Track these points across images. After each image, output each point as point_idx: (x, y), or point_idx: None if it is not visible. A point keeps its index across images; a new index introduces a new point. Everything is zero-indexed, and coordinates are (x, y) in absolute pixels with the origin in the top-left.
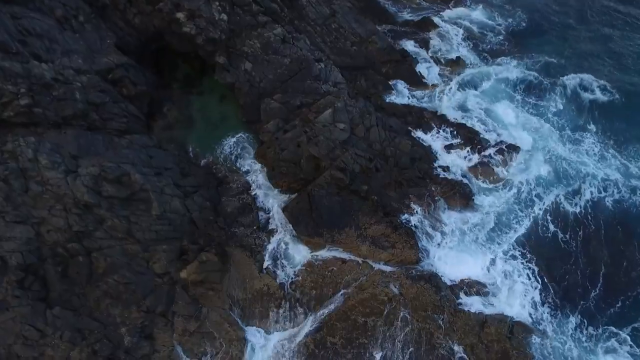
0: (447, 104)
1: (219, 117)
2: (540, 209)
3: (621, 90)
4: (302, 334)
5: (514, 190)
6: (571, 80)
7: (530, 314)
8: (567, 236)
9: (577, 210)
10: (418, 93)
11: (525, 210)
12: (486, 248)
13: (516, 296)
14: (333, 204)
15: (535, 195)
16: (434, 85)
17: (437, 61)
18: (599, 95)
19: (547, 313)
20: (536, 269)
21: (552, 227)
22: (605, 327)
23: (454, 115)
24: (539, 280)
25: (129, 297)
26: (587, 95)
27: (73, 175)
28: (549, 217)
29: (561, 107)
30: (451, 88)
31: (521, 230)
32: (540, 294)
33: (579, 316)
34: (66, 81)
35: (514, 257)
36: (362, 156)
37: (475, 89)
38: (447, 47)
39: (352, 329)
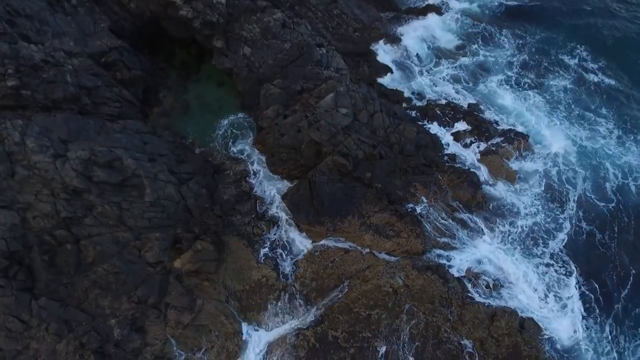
0: (448, 89)
1: (216, 104)
2: (570, 200)
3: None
4: (302, 328)
5: (538, 182)
6: (574, 59)
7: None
8: (603, 234)
9: (606, 203)
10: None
11: (555, 205)
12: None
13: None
14: (335, 190)
15: (561, 186)
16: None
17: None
18: (602, 76)
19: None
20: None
21: (585, 226)
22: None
23: (458, 102)
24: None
25: (119, 288)
26: (591, 77)
27: (62, 160)
28: (581, 213)
29: (566, 89)
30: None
31: (560, 233)
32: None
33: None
34: (56, 63)
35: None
36: (366, 142)
37: (481, 75)
38: (449, 36)
39: (354, 322)
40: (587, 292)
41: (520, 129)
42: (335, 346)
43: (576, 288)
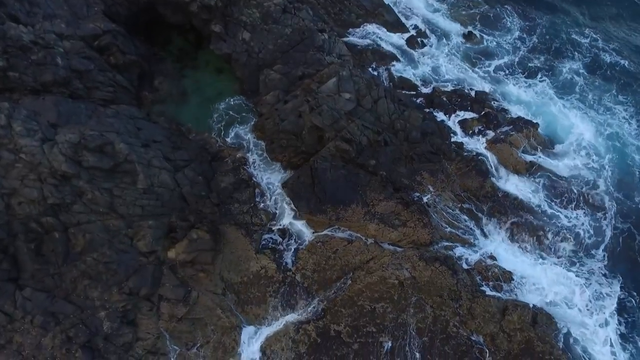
0: (455, 75)
1: (214, 92)
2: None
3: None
4: (302, 322)
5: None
6: (586, 39)
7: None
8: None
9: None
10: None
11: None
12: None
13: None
14: (338, 178)
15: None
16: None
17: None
18: (617, 58)
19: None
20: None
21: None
22: None
23: (466, 89)
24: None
25: (109, 278)
26: (606, 58)
27: (50, 144)
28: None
29: (578, 73)
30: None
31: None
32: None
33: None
34: (46, 45)
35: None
36: (370, 128)
37: (488, 60)
38: (454, 22)
39: (358, 316)
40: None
41: (529, 116)
42: (337, 341)
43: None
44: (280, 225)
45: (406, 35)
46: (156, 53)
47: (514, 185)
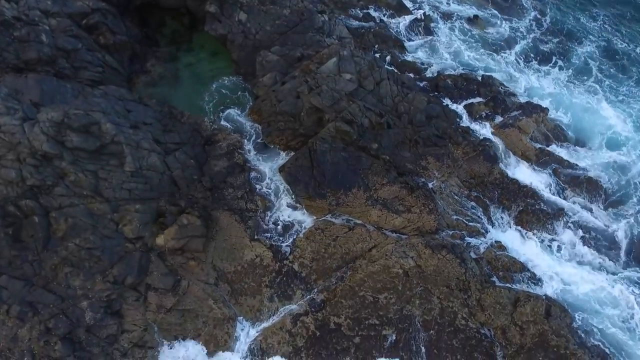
0: (461, 59)
1: (209, 75)
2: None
3: None
4: (300, 314)
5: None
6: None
7: None
8: None
9: None
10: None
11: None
12: None
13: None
14: (338, 160)
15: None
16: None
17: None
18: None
19: None
20: None
21: None
22: None
23: (472, 73)
24: None
25: (92, 266)
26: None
27: (31, 122)
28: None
29: (593, 57)
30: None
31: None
32: None
33: None
34: (31, 22)
35: None
36: (372, 110)
37: (497, 44)
38: (463, 7)
39: (360, 308)
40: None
41: (539, 101)
42: (338, 334)
43: None
44: (276, 210)
45: (410, 18)
46: (149, 35)
47: (524, 172)
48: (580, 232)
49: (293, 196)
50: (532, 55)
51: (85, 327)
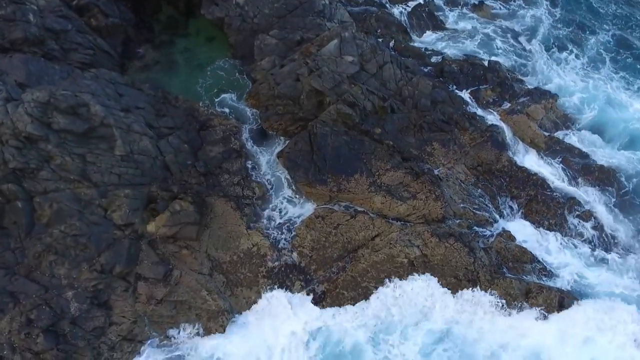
0: (467, 45)
1: (205, 60)
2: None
3: None
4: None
5: None
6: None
7: None
8: None
9: None
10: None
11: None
12: None
13: None
14: (339, 144)
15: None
16: (456, 30)
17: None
18: None
19: None
20: None
21: None
22: None
23: (478, 58)
24: None
25: (79, 253)
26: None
27: (15, 103)
28: None
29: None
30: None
31: None
32: None
33: None
34: (17, 0)
35: None
36: (375, 93)
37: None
38: None
39: (363, 299)
40: None
41: (549, 87)
42: None
43: None
44: (274, 197)
45: (413, 4)
46: (144, 20)
47: (533, 160)
48: (591, 223)
49: (292, 182)
50: (545, 43)
51: (70, 319)
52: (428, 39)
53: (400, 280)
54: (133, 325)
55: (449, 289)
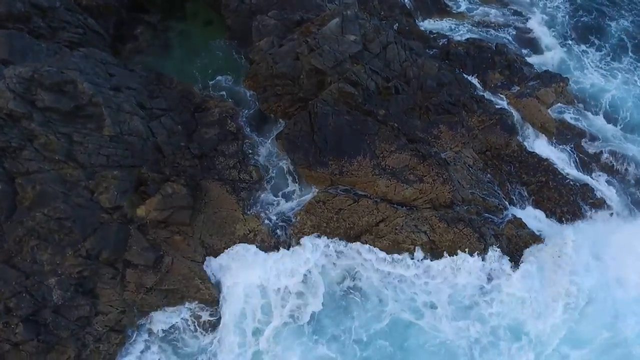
0: (474, 30)
1: (201, 43)
2: None
3: None
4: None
5: None
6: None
7: None
8: None
9: None
10: (444, 23)
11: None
12: None
13: None
14: (341, 125)
15: None
16: (463, 15)
17: None
18: None
19: None
20: None
21: None
22: None
23: (486, 41)
24: None
25: (63, 238)
26: None
27: None
28: None
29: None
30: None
31: None
32: None
33: None
34: None
35: None
36: (379, 74)
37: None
38: None
39: None
40: None
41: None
42: None
43: None
44: (273, 181)
45: None
46: (138, 1)
47: (543, 145)
48: (605, 211)
49: (291, 165)
50: (560, 30)
51: (53, 308)
52: (432, 25)
53: None
54: (121, 315)
55: None
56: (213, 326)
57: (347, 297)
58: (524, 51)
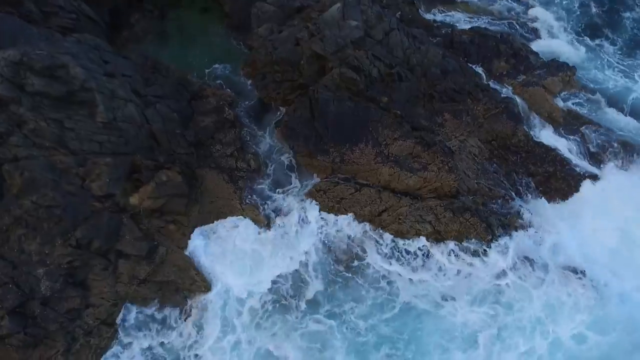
0: (480, 21)
1: (198, 31)
2: None
3: None
4: None
5: None
6: None
7: None
8: None
9: None
10: (449, 14)
11: None
12: None
13: None
14: (343, 111)
15: None
16: (467, 5)
17: None
18: None
19: None
20: None
21: None
22: None
23: (492, 31)
24: None
25: (52, 227)
26: None
27: None
28: None
29: None
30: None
31: None
32: None
33: None
34: None
35: None
36: (381, 60)
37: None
38: None
39: None
40: None
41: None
42: None
43: None
44: (272, 169)
45: None
46: None
47: (550, 135)
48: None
49: (291, 153)
50: (570, 21)
51: (41, 299)
52: (436, 17)
53: None
54: (113, 308)
55: None
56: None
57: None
58: (531, 40)
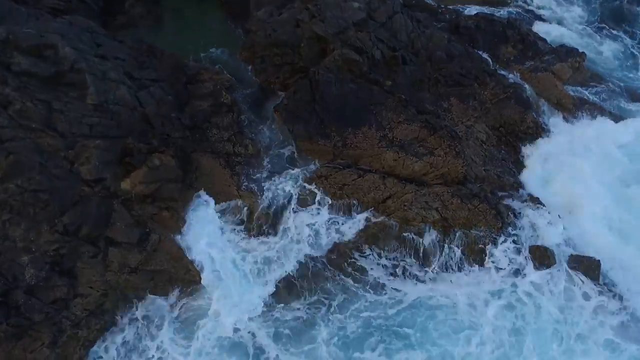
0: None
1: (195, 16)
2: None
3: None
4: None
5: None
6: None
7: None
8: None
9: None
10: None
11: None
12: None
13: None
14: (345, 93)
15: None
16: None
17: None
18: None
19: None
20: None
21: None
22: None
23: (498, 16)
24: None
25: (38, 212)
26: None
27: None
28: None
29: None
30: None
31: None
32: None
33: None
34: None
35: None
36: (385, 43)
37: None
38: None
39: None
40: None
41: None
42: None
43: None
44: (271, 154)
45: None
46: None
47: (559, 122)
48: None
49: (291, 137)
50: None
51: (25, 288)
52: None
53: None
54: (103, 298)
55: None
56: None
57: None
58: (538, 26)
